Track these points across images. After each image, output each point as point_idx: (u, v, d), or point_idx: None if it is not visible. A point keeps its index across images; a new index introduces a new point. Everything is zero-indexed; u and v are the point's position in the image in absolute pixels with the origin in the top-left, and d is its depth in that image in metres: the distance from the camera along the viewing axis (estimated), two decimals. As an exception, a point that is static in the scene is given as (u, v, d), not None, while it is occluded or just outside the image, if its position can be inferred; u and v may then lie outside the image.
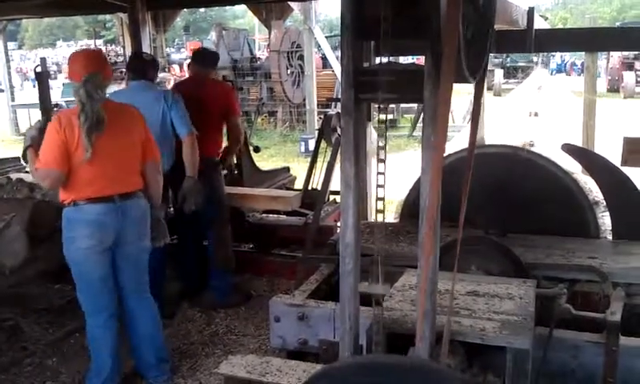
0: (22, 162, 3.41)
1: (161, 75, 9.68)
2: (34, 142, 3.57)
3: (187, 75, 9.84)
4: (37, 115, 5.76)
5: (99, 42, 31.24)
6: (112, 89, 4.55)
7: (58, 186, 3.50)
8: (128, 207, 3.53)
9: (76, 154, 3.37)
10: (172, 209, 5.07)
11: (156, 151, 3.80)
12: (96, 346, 3.70)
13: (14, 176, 5.47)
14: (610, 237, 4.11)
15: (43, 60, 6.83)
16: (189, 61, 10.17)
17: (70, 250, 3.54)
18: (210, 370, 4.05)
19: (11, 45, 29.64)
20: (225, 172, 5.53)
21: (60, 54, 37.90)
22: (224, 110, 4.98)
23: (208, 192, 4.82)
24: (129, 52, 11.75)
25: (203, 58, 5.25)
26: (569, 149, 4.21)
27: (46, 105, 6.26)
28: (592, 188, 4.09)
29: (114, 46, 27.25)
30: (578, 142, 6.72)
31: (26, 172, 5.44)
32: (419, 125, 6.51)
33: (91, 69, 3.43)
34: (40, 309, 4.99)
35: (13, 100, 18.21)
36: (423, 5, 2.05)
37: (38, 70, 6.71)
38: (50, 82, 7.13)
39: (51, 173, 3.41)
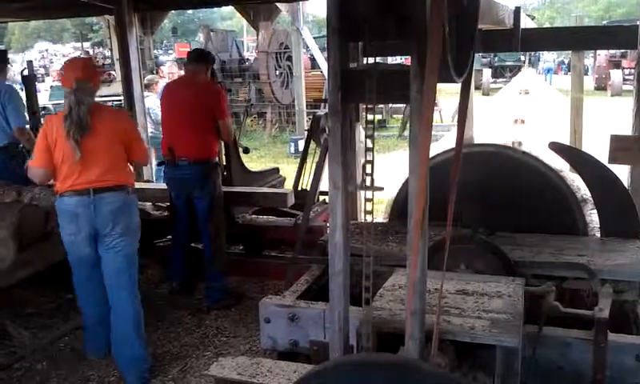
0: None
1: (149, 77, 9.63)
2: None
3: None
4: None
5: (86, 44, 31.09)
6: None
7: (45, 181, 4.00)
8: (102, 199, 3.75)
9: (55, 153, 3.76)
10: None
11: (141, 153, 4.10)
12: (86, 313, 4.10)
13: None
14: (598, 234, 4.13)
15: (30, 63, 6.78)
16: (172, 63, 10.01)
17: (61, 236, 3.91)
18: (200, 372, 4.05)
19: (-3, 48, 29.40)
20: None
21: (39, 56, 37.68)
22: (213, 112, 4.97)
23: (206, 194, 4.96)
24: (116, 54, 11.71)
25: (197, 55, 5.29)
26: (556, 147, 4.22)
27: (33, 108, 6.25)
28: (580, 186, 4.12)
29: (101, 49, 27.14)
30: (566, 140, 6.77)
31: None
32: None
33: (82, 77, 3.77)
34: (29, 313, 4.97)
35: (0, 103, 18.08)
36: (408, 5, 2.05)
37: (25, 73, 6.67)
38: (38, 84, 7.11)
39: (35, 170, 3.89)
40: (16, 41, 51.28)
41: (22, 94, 6.20)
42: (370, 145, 2.25)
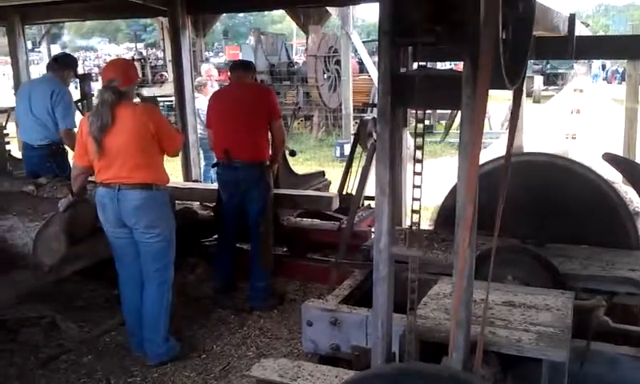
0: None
1: (198, 79, 9.74)
2: None
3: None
4: (78, 115, 5.87)
5: (140, 45, 31.68)
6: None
7: (83, 173, 4.18)
8: (125, 195, 3.92)
9: (88, 149, 3.94)
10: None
11: (172, 143, 4.15)
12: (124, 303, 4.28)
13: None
14: (651, 249, 4.01)
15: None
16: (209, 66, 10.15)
17: None
18: (242, 373, 4.07)
19: (54, 47, 30.25)
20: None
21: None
22: (267, 113, 5.03)
23: (260, 195, 5.03)
24: (169, 56, 11.91)
25: (242, 64, 5.43)
26: (610, 158, 4.11)
27: (88, 105, 6.39)
28: (633, 198, 4.00)
29: (154, 50, 27.60)
30: (619, 150, 6.58)
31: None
32: (452, 131, 6.51)
33: (110, 76, 3.97)
34: (77, 307, 5.08)
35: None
36: (462, 10, 2.02)
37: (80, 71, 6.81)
38: (92, 83, 7.28)
39: (75, 166, 4.18)
40: (70, 40, 52.64)
41: (77, 92, 6.33)
42: (419, 155, 2.22)
